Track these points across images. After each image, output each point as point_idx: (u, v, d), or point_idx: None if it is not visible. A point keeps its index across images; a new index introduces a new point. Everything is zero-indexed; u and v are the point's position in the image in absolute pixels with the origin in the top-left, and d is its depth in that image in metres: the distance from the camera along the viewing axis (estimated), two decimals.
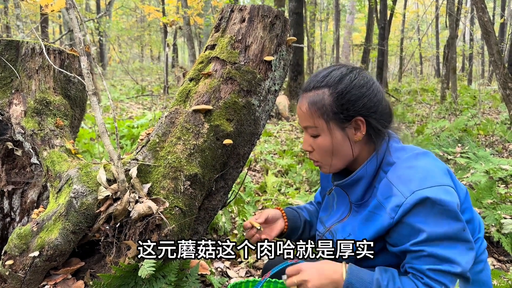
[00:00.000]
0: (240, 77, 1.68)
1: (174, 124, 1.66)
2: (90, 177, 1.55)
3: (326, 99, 1.28)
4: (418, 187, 1.15)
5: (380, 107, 1.29)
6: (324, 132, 1.30)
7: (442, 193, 1.14)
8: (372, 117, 1.28)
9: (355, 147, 1.31)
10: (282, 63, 1.80)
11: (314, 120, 1.30)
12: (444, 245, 1.13)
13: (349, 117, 1.27)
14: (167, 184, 1.56)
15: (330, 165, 1.36)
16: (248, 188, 4.01)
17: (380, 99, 1.30)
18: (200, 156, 1.60)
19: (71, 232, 1.46)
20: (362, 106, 1.27)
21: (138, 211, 1.46)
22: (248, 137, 1.74)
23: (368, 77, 1.31)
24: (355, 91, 1.27)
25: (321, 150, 1.33)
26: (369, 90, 1.28)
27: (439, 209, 1.13)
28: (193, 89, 1.71)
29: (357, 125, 1.29)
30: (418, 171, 1.20)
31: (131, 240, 1.50)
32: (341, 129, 1.28)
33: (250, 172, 5.26)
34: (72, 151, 1.64)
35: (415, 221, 1.14)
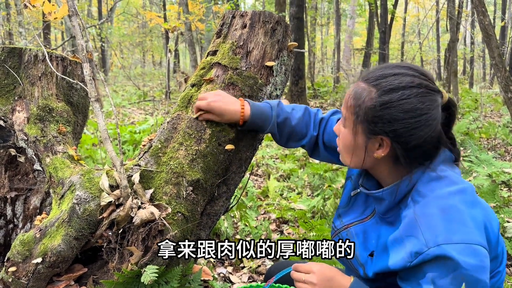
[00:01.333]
0: (242, 82, 1.68)
1: (176, 129, 1.66)
2: (92, 183, 1.55)
3: (366, 101, 1.15)
4: (444, 241, 1.03)
5: (416, 142, 1.12)
6: (350, 128, 1.22)
7: (468, 255, 1.03)
8: (399, 146, 1.13)
9: (371, 160, 1.22)
10: (283, 68, 1.81)
11: (347, 112, 1.22)
12: None
13: (376, 133, 1.15)
14: (169, 190, 1.56)
15: (344, 159, 1.30)
16: (250, 193, 4.01)
17: (422, 135, 1.11)
18: (202, 162, 1.61)
19: (74, 238, 1.46)
20: (393, 131, 1.12)
21: (140, 217, 1.46)
22: (250, 142, 1.74)
23: (426, 106, 1.10)
24: (395, 112, 1.11)
25: (342, 141, 1.27)
26: (413, 119, 1.10)
27: (459, 274, 1.02)
28: (195, 95, 1.71)
29: (381, 143, 1.17)
30: (448, 219, 1.07)
31: (134, 246, 1.50)
32: (365, 136, 1.18)
33: (252, 177, 5.26)
34: (74, 157, 1.65)
35: (431, 271, 1.06)
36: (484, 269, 1.04)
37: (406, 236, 1.11)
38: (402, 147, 1.13)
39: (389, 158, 1.19)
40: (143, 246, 1.49)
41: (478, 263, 1.03)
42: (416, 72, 1.15)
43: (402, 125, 1.10)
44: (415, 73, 1.14)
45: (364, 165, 1.25)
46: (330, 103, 11.81)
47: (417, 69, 1.16)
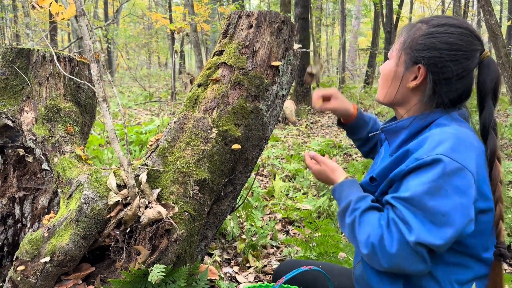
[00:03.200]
0: (248, 82, 1.69)
1: (183, 129, 1.67)
2: (100, 183, 1.56)
3: (416, 31, 1.24)
4: (444, 152, 1.07)
5: (447, 75, 1.17)
6: (393, 59, 1.29)
7: (457, 175, 1.06)
8: (435, 76, 1.19)
9: (404, 92, 1.27)
10: (289, 68, 1.81)
11: (398, 44, 1.29)
12: (418, 215, 1.06)
13: (415, 60, 1.22)
14: (176, 189, 1.57)
15: (380, 93, 1.36)
16: (256, 193, 4.01)
17: (454, 70, 1.17)
18: (208, 161, 1.61)
19: (82, 237, 1.47)
20: (429, 58, 1.18)
21: (148, 216, 1.47)
22: (256, 141, 1.74)
23: (465, 45, 1.18)
24: (436, 41, 1.18)
25: (383, 71, 1.33)
26: (450, 51, 1.17)
27: (437, 185, 1.05)
28: (201, 95, 1.72)
29: (417, 73, 1.23)
30: (459, 142, 1.10)
31: (141, 245, 1.51)
32: (405, 65, 1.25)
33: (258, 177, 5.26)
34: (82, 157, 1.66)
35: (415, 177, 1.09)
36: (463, 193, 1.06)
37: (414, 148, 1.15)
38: (434, 78, 1.19)
39: (419, 91, 1.25)
40: (150, 245, 1.50)
41: (460, 186, 1.06)
42: (465, 23, 1.23)
43: (439, 54, 1.17)
44: (464, 23, 1.22)
45: (395, 98, 1.30)
46: None
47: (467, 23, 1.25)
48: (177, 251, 1.50)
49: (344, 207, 1.23)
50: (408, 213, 1.07)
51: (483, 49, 1.22)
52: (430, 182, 1.06)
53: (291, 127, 8.84)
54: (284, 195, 4.20)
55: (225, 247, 2.98)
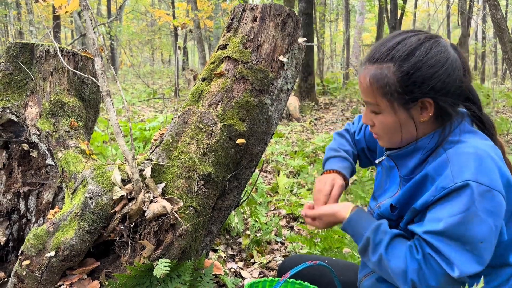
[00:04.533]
0: (253, 76, 1.68)
1: (187, 124, 1.66)
2: (104, 178, 1.56)
3: (390, 78, 1.13)
4: (471, 178, 1.04)
5: (454, 87, 1.13)
6: (387, 111, 1.19)
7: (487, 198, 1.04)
8: (441, 99, 1.13)
9: (420, 127, 1.20)
10: (294, 61, 1.80)
11: (376, 98, 1.18)
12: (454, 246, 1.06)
13: (415, 99, 1.14)
14: (181, 184, 1.56)
15: (389, 141, 1.27)
16: (260, 189, 4.00)
17: (455, 78, 1.13)
18: (213, 156, 1.61)
19: (87, 232, 1.47)
20: (431, 89, 1.12)
21: (152, 210, 1.46)
22: (261, 136, 1.73)
23: (443, 53, 1.13)
24: (424, 71, 1.11)
25: (382, 127, 1.23)
26: (442, 69, 1.12)
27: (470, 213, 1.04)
28: (205, 89, 1.71)
29: (423, 106, 1.15)
30: (481, 162, 1.07)
31: (146, 239, 1.50)
32: (405, 109, 1.16)
33: (262, 173, 5.25)
34: (86, 152, 1.66)
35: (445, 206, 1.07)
36: (495, 215, 1.04)
37: (436, 174, 1.11)
38: (444, 100, 1.13)
39: (433, 116, 1.18)
40: (155, 240, 1.50)
41: (491, 208, 1.04)
42: (415, 31, 1.17)
43: (436, 79, 1.11)
44: (414, 31, 1.17)
45: (418, 135, 1.21)
46: (339, 99, 11.75)
47: (413, 29, 1.20)
48: (182, 246, 1.50)
49: (364, 245, 1.19)
50: (445, 247, 1.06)
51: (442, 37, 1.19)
52: (462, 212, 1.04)
53: (295, 123, 8.83)
54: (288, 191, 4.19)
55: (230, 242, 2.98)
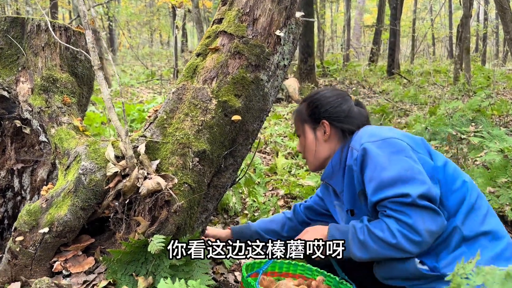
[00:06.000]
0: (248, 51, 1.64)
1: (181, 100, 1.63)
2: (98, 154, 1.54)
3: (303, 108, 1.72)
4: (366, 140, 1.45)
5: (344, 114, 1.63)
6: (303, 133, 1.72)
7: (382, 145, 1.42)
8: (335, 121, 1.63)
9: (325, 146, 1.66)
10: (291, 37, 1.76)
11: (297, 125, 1.75)
12: (393, 186, 1.35)
13: (317, 120, 1.66)
14: (175, 161, 1.54)
15: (309, 162, 1.74)
16: (258, 170, 3.99)
17: (345, 109, 1.64)
18: (208, 133, 1.58)
19: (80, 208, 1.46)
20: (325, 111, 1.65)
21: (147, 187, 1.45)
22: (257, 113, 1.71)
23: (339, 94, 1.70)
24: (321, 100, 1.67)
25: (303, 148, 1.73)
26: (334, 101, 1.66)
27: (371, 156, 1.41)
28: (200, 65, 1.67)
29: (323, 127, 1.65)
30: (371, 131, 1.50)
31: (141, 216, 1.49)
32: (312, 129, 1.69)
33: (260, 155, 5.23)
34: (80, 128, 1.63)
35: (367, 170, 1.42)
36: (401, 150, 1.41)
37: (350, 161, 1.51)
38: (337, 121, 1.63)
39: (331, 138, 1.65)
40: (150, 216, 1.48)
41: (393, 149, 1.41)
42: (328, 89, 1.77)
43: (329, 104, 1.65)
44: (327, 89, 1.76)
45: (323, 155, 1.67)
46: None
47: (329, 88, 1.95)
48: (177, 222, 1.49)
49: (352, 234, 1.44)
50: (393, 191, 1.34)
51: (350, 97, 1.72)
52: (377, 164, 1.39)
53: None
54: (286, 171, 4.18)
55: (228, 222, 2.98)
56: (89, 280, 1.45)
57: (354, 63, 17.27)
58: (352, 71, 13.89)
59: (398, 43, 14.18)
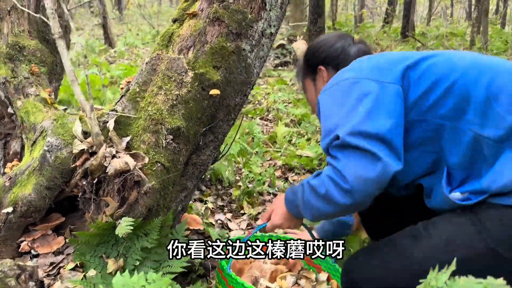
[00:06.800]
0: (229, 17, 1.49)
1: (155, 71, 1.51)
2: (65, 129, 1.44)
3: (301, 63, 1.64)
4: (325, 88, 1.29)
5: (337, 53, 1.49)
6: (306, 89, 1.63)
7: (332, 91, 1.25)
8: (330, 63, 1.50)
9: None
10: (279, 0, 1.59)
11: (300, 84, 1.68)
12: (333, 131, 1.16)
13: (314, 70, 1.54)
14: (147, 138, 1.44)
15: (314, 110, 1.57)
16: (257, 139, 3.89)
17: (338, 47, 1.50)
18: (183, 108, 1.46)
19: (46, 188, 1.38)
20: (318, 56, 1.53)
21: (114, 166, 1.35)
22: (238, 86, 1.58)
23: (334, 35, 1.59)
24: (314, 46, 1.57)
25: (309, 101, 1.65)
26: (327, 43, 1.53)
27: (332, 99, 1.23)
28: (176, 32, 1.53)
29: (321, 74, 1.52)
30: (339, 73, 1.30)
31: (110, 196, 1.41)
32: (312, 81, 1.57)
33: (263, 122, 5.11)
34: (48, 100, 1.53)
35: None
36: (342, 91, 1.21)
37: None
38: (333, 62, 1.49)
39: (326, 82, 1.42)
40: (119, 197, 1.40)
41: (334, 90, 1.24)
42: None
43: (322, 47, 1.53)
44: None
45: None
46: None
47: None
48: (148, 204, 1.40)
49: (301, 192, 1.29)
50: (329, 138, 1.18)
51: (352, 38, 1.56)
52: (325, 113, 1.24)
53: None
54: (286, 141, 4.07)
55: (220, 193, 2.91)
56: (56, 262, 1.39)
57: (368, 25, 16.68)
58: (364, 33, 13.42)
59: (414, 4, 13.59)
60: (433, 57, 1.19)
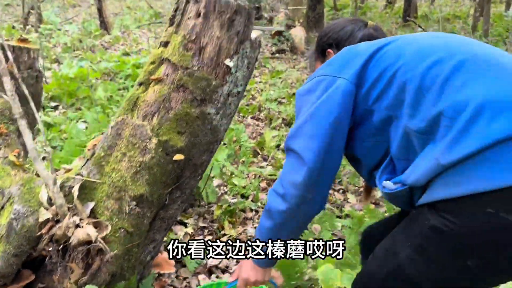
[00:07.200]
0: (193, 84, 1.50)
1: (120, 136, 1.53)
2: (32, 195, 1.48)
3: (314, 48, 1.63)
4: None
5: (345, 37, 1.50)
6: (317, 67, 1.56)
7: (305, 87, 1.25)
8: (338, 47, 1.46)
9: None
10: (246, 61, 1.60)
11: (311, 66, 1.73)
12: None
13: (323, 51, 1.55)
14: (111, 205, 1.48)
15: None
16: (244, 148, 3.92)
17: (347, 30, 1.50)
18: (147, 174, 1.50)
19: (13, 255, 1.43)
20: (327, 39, 1.54)
21: (77, 237, 1.40)
22: (205, 147, 1.60)
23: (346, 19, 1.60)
24: (325, 30, 1.58)
25: None
26: (337, 26, 1.54)
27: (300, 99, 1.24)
28: (141, 96, 1.55)
29: (329, 57, 1.43)
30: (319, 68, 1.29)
31: (75, 262, 1.46)
32: (321, 61, 1.55)
33: (253, 122, 5.13)
34: (16, 163, 1.56)
35: None
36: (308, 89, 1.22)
37: None
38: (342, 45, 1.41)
39: None
40: (84, 263, 1.45)
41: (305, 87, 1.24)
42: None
43: (332, 31, 1.54)
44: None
45: None
46: None
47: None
48: (111, 271, 1.46)
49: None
50: None
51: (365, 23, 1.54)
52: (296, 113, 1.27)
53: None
54: (274, 147, 4.10)
55: (203, 211, 2.96)
56: None
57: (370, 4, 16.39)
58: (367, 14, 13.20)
59: None
60: (389, 44, 1.17)
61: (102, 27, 9.16)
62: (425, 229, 1.00)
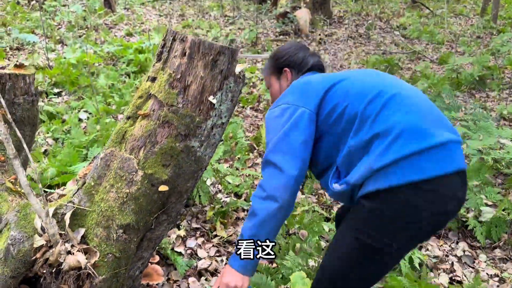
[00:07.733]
0: (178, 121, 1.59)
1: (109, 167, 1.63)
2: (28, 221, 1.60)
3: (269, 63, 1.98)
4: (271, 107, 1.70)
5: (299, 61, 1.87)
6: (271, 85, 1.96)
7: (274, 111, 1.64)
8: (294, 68, 1.88)
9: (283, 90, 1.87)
10: (229, 95, 1.68)
11: (266, 79, 2.01)
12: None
13: (279, 69, 1.91)
14: (100, 232, 1.60)
15: None
16: (240, 145, 4.01)
17: (301, 56, 1.88)
18: (134, 204, 1.61)
19: (10, 277, 1.56)
20: (284, 60, 1.89)
21: (68, 263, 1.53)
22: (189, 175, 1.71)
23: (297, 45, 1.94)
24: (282, 52, 1.92)
25: (271, 96, 1.98)
26: (292, 51, 1.90)
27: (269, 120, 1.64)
28: (129, 130, 1.64)
29: (286, 74, 1.89)
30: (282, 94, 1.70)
31: (67, 283, 1.59)
32: (277, 80, 1.93)
33: (252, 113, 5.20)
34: (12, 189, 1.68)
35: None
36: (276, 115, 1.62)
37: None
38: (296, 67, 1.88)
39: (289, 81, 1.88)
40: (75, 286, 1.59)
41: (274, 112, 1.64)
42: None
43: (288, 54, 1.89)
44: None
45: None
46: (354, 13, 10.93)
47: None
48: None
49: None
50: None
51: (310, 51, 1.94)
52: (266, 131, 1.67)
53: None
54: None
55: (196, 212, 3.09)
56: None
57: None
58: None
59: None
60: (338, 84, 1.59)
61: (106, 5, 9.11)
62: (363, 212, 1.45)
